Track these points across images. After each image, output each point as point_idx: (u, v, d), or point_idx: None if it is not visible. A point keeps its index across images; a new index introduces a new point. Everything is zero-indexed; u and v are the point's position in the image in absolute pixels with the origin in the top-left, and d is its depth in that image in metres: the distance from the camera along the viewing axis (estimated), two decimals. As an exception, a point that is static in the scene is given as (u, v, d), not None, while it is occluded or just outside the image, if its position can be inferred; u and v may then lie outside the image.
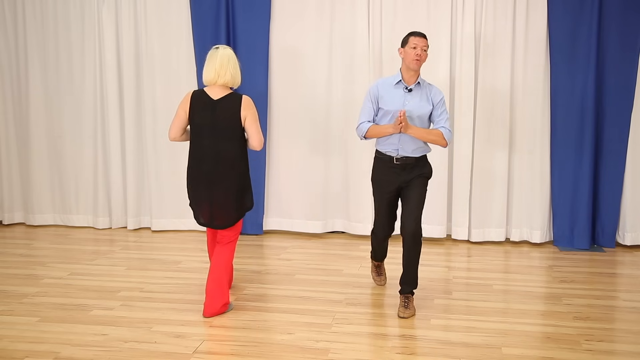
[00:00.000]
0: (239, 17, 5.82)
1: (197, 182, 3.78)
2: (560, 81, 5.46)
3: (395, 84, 3.96)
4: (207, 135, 3.74)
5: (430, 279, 4.63)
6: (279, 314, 3.89)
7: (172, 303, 4.08)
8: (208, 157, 3.74)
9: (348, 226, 5.98)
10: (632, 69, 5.36)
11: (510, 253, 5.43)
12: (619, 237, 5.62)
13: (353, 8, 5.70)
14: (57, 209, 6.45)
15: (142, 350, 3.34)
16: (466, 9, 5.52)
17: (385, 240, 4.27)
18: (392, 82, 3.98)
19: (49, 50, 6.20)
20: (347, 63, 5.77)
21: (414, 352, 3.30)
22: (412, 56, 3.86)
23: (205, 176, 3.76)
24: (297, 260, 5.13)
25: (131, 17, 6.01)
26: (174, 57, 6.00)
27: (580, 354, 3.28)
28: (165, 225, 6.20)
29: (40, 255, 5.31)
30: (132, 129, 6.14)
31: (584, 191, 5.49)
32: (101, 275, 4.71)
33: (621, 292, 4.35)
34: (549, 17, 5.42)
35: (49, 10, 6.15)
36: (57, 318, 3.80)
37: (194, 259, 5.20)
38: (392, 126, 3.83)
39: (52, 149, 6.34)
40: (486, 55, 5.54)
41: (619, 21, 5.32)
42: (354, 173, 5.86)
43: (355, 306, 4.02)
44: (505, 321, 3.75)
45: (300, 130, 5.92)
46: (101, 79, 6.13)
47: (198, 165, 3.77)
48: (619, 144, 5.46)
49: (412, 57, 3.85)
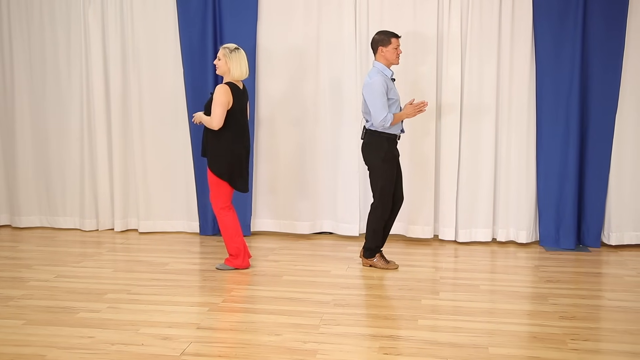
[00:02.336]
0: (226, 18, 5.81)
1: (244, 156, 4.73)
2: (546, 82, 5.50)
3: (391, 76, 4.75)
4: (241, 118, 4.70)
5: (417, 279, 4.65)
6: (266, 315, 3.89)
7: (160, 305, 4.07)
8: (246, 135, 4.76)
9: (336, 227, 5.98)
10: (616, 70, 5.40)
11: (497, 253, 5.46)
12: (604, 237, 5.67)
13: (340, 8, 5.72)
14: (43, 210, 6.41)
15: (129, 352, 3.33)
16: (452, 9, 5.55)
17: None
18: (389, 75, 4.74)
19: (35, 51, 6.17)
20: (335, 63, 5.78)
21: (402, 352, 3.31)
22: (395, 55, 4.76)
23: (246, 150, 4.76)
24: (285, 262, 5.13)
25: (117, 18, 5.99)
26: (160, 58, 5.99)
27: (566, 353, 3.30)
28: (152, 227, 6.18)
29: (26, 257, 5.28)
30: (118, 130, 6.12)
31: (570, 192, 5.53)
32: (88, 278, 4.68)
33: (606, 291, 4.39)
34: (534, 16, 5.45)
35: (35, 11, 6.11)
36: (43, 321, 3.78)
37: (181, 260, 5.18)
38: (411, 113, 4.68)
39: (38, 150, 6.30)
40: (472, 55, 5.56)
41: (604, 21, 5.36)
42: (342, 174, 5.87)
43: (343, 307, 4.03)
44: (491, 321, 3.77)
45: (288, 131, 5.92)
46: (87, 80, 6.10)
47: (242, 142, 4.72)
48: (604, 145, 5.50)
49: (396, 57, 4.76)
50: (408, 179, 5.74)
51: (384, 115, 4.60)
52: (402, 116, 4.70)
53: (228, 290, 4.39)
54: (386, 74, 4.72)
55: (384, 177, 4.74)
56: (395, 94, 4.75)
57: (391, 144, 4.77)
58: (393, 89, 4.74)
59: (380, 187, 4.75)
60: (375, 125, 4.67)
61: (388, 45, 4.71)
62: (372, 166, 4.78)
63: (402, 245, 5.68)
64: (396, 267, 4.94)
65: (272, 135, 5.94)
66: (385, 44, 4.71)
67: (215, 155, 4.67)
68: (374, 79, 4.66)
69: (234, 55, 4.62)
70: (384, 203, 4.79)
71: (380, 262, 4.92)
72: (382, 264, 4.92)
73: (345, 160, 5.84)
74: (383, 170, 4.73)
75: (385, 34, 4.74)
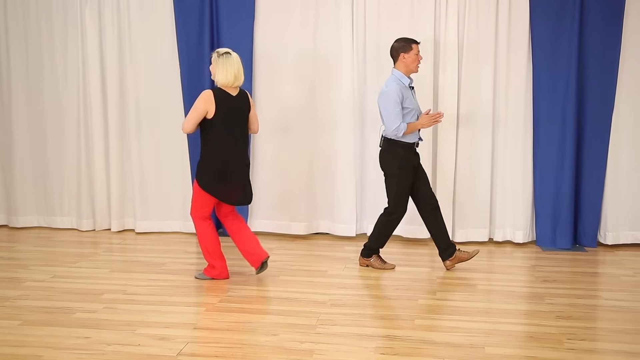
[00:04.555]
0: (223, 19, 5.82)
1: (233, 165, 4.40)
2: (543, 84, 5.50)
3: (408, 84, 4.66)
4: (234, 125, 4.39)
5: (414, 279, 4.65)
6: (263, 315, 3.89)
7: (156, 305, 4.06)
8: (240, 144, 4.43)
9: (332, 227, 5.98)
10: (612, 72, 5.41)
11: (494, 253, 5.47)
12: (601, 236, 5.67)
13: (337, 9, 5.71)
14: (40, 210, 6.40)
15: (126, 353, 3.32)
16: (449, 12, 5.55)
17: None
18: (406, 84, 4.65)
19: (32, 52, 6.16)
20: (332, 65, 5.78)
21: (398, 352, 3.31)
22: (417, 62, 4.68)
23: (238, 160, 4.42)
24: (282, 262, 5.13)
25: (114, 18, 5.98)
26: (157, 58, 5.98)
27: (562, 353, 3.30)
28: (149, 227, 6.18)
29: (23, 257, 5.27)
30: (115, 131, 6.11)
31: (566, 192, 5.53)
32: (84, 278, 4.68)
33: (603, 291, 4.40)
34: (531, 17, 5.46)
35: (31, 11, 6.10)
36: (39, 321, 3.77)
37: (177, 260, 5.18)
38: (426, 123, 4.64)
39: (36, 150, 6.30)
40: (469, 59, 5.57)
41: (600, 24, 5.37)
42: (339, 175, 5.87)
43: (340, 307, 4.03)
44: (488, 321, 3.78)
45: (285, 132, 5.91)
46: (84, 81, 6.09)
47: (232, 150, 4.39)
48: (600, 146, 5.51)
49: (417, 63, 4.69)
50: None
51: (397, 124, 4.55)
52: (417, 126, 4.64)
53: (225, 290, 4.39)
54: (403, 82, 4.64)
55: (399, 183, 4.70)
56: (411, 102, 4.66)
57: (407, 152, 4.71)
58: (410, 98, 4.65)
59: (395, 193, 4.73)
60: (388, 133, 4.64)
61: (409, 52, 4.64)
62: (388, 173, 4.75)
63: (399, 246, 5.68)
64: (393, 267, 4.94)
65: (268, 136, 5.93)
66: (407, 50, 4.64)
67: (200, 162, 4.44)
68: (390, 87, 4.60)
69: (221, 61, 4.36)
70: (398, 209, 4.76)
71: (376, 262, 4.93)
72: (379, 264, 4.92)
73: (342, 161, 5.84)
74: (398, 177, 4.70)
75: (405, 41, 4.67)
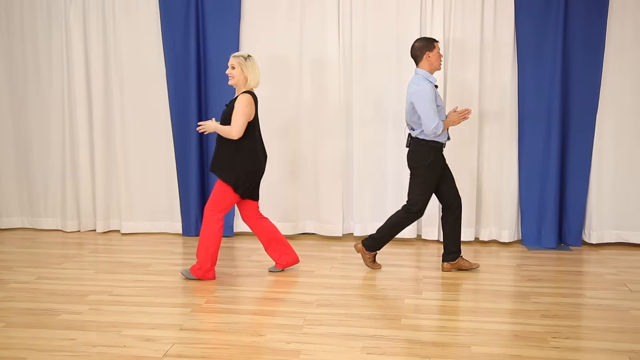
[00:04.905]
0: (209, 22, 5.80)
1: (262, 165, 4.59)
2: (528, 83, 5.54)
3: (435, 83, 4.64)
4: (259, 125, 4.61)
5: (400, 279, 4.66)
6: (249, 315, 3.88)
7: (142, 306, 4.04)
8: (262, 145, 4.65)
9: (319, 228, 5.98)
10: (596, 71, 5.45)
11: (480, 252, 5.49)
12: (585, 235, 5.72)
13: (323, 10, 5.72)
14: (24, 211, 6.36)
15: (111, 354, 3.30)
16: (435, 11, 5.57)
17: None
18: (433, 82, 4.63)
19: (16, 53, 6.11)
20: (318, 66, 5.78)
21: (385, 352, 3.32)
22: (439, 60, 4.68)
23: (264, 159, 4.64)
24: (268, 262, 5.12)
25: (99, 20, 5.95)
26: (143, 60, 5.96)
27: (547, 351, 3.32)
28: (134, 227, 6.15)
29: (7, 259, 5.22)
30: (100, 131, 6.08)
31: (551, 191, 5.57)
32: (69, 279, 4.64)
33: (587, 289, 4.43)
34: (516, 19, 5.49)
35: (15, 13, 6.06)
36: (23, 323, 3.74)
37: (163, 261, 5.16)
38: (456, 120, 4.58)
39: (20, 151, 6.25)
40: (455, 58, 5.59)
41: (584, 24, 5.41)
42: (325, 175, 5.87)
43: (327, 307, 4.03)
44: (474, 320, 3.79)
45: (270, 133, 5.91)
46: (69, 81, 6.06)
47: (262, 151, 4.61)
48: (585, 145, 5.56)
49: (440, 61, 4.69)
50: (393, 180, 5.75)
51: (436, 122, 4.50)
52: (448, 124, 4.59)
53: (211, 291, 4.37)
54: (431, 80, 4.61)
55: (426, 182, 4.66)
56: (440, 100, 4.66)
57: (437, 153, 4.67)
58: (439, 96, 4.65)
59: (421, 191, 4.67)
60: (427, 133, 4.55)
61: (433, 50, 4.62)
62: (415, 172, 4.69)
63: (386, 245, 5.69)
64: (379, 267, 4.95)
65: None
66: (431, 49, 4.61)
67: (233, 164, 4.44)
68: (422, 86, 4.53)
69: (249, 63, 4.46)
70: (419, 207, 4.70)
71: (367, 259, 4.91)
72: (369, 262, 4.92)
73: (328, 162, 5.84)
74: (424, 176, 4.66)
75: (426, 40, 4.65)
